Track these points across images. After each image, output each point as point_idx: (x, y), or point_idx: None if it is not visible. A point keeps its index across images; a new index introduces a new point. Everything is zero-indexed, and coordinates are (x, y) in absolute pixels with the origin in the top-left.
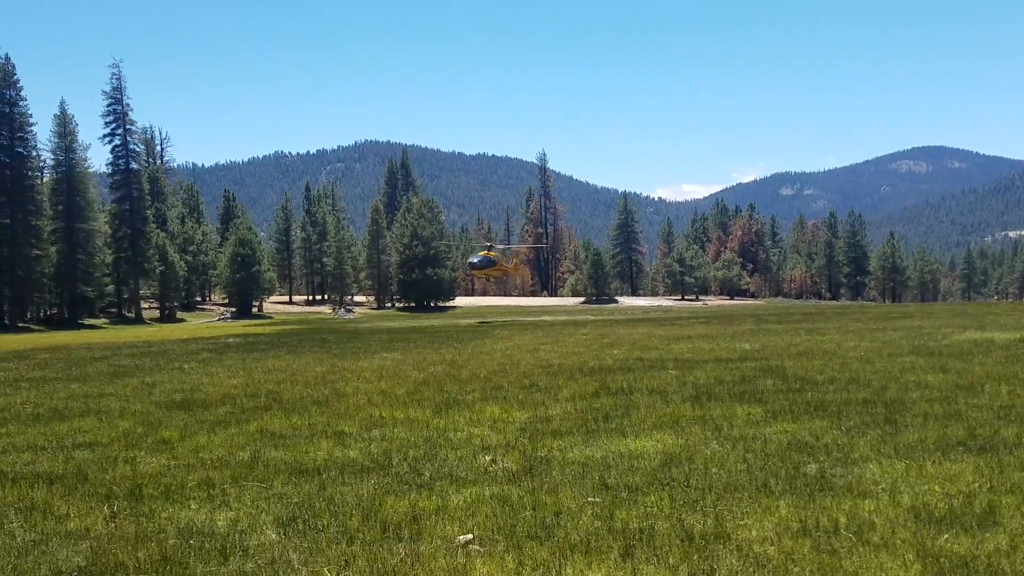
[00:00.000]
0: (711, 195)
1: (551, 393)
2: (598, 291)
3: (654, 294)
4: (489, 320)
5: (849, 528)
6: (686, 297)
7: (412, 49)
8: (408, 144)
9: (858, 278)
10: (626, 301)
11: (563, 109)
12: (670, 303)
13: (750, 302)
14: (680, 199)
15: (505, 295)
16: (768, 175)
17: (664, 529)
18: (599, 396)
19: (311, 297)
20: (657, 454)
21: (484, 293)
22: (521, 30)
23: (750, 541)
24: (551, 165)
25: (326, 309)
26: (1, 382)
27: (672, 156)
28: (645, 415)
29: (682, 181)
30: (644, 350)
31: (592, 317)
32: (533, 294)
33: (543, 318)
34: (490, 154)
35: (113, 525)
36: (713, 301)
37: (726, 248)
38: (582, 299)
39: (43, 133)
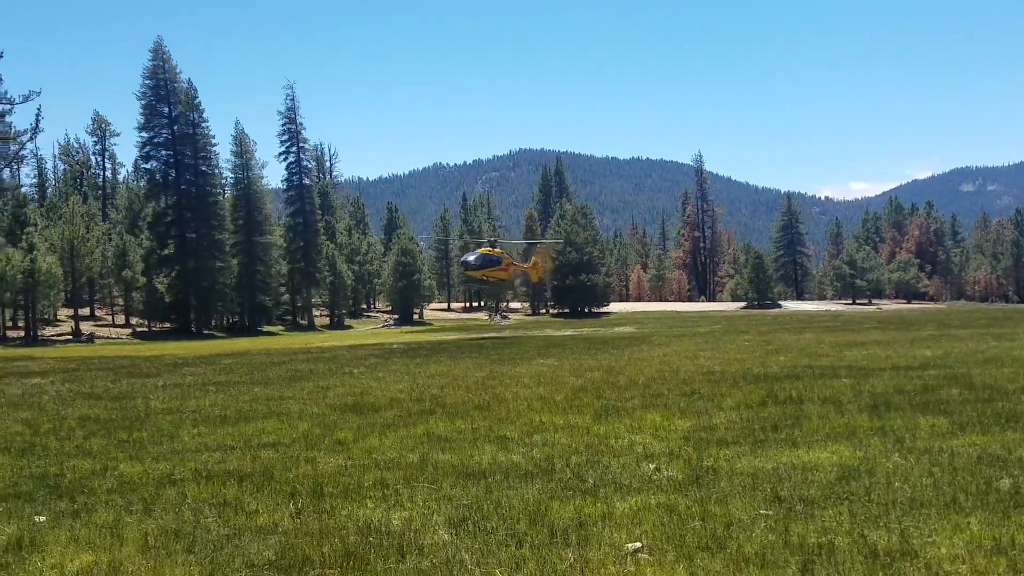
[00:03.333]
0: (883, 193)
1: (714, 401)
2: (759, 295)
3: (821, 298)
4: (646, 326)
5: None
6: (857, 301)
7: (565, 56)
8: (561, 151)
9: None
10: (790, 305)
11: (720, 109)
12: (839, 307)
13: (929, 306)
14: (848, 198)
15: (661, 300)
16: (946, 171)
17: (845, 545)
18: (766, 405)
19: (468, 304)
20: (833, 466)
21: (639, 299)
22: (675, 33)
23: (940, 559)
24: (708, 166)
25: (483, 315)
26: (191, 386)
27: (839, 154)
28: (818, 425)
29: (850, 179)
30: (813, 357)
31: (754, 322)
32: (690, 299)
33: (701, 324)
34: (644, 157)
35: (298, 521)
36: (887, 305)
37: (901, 249)
38: (742, 304)
39: (223, 152)
